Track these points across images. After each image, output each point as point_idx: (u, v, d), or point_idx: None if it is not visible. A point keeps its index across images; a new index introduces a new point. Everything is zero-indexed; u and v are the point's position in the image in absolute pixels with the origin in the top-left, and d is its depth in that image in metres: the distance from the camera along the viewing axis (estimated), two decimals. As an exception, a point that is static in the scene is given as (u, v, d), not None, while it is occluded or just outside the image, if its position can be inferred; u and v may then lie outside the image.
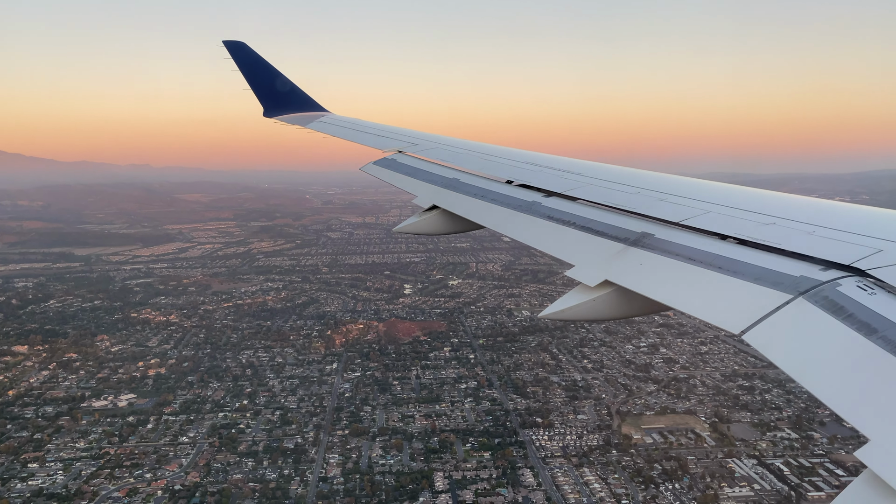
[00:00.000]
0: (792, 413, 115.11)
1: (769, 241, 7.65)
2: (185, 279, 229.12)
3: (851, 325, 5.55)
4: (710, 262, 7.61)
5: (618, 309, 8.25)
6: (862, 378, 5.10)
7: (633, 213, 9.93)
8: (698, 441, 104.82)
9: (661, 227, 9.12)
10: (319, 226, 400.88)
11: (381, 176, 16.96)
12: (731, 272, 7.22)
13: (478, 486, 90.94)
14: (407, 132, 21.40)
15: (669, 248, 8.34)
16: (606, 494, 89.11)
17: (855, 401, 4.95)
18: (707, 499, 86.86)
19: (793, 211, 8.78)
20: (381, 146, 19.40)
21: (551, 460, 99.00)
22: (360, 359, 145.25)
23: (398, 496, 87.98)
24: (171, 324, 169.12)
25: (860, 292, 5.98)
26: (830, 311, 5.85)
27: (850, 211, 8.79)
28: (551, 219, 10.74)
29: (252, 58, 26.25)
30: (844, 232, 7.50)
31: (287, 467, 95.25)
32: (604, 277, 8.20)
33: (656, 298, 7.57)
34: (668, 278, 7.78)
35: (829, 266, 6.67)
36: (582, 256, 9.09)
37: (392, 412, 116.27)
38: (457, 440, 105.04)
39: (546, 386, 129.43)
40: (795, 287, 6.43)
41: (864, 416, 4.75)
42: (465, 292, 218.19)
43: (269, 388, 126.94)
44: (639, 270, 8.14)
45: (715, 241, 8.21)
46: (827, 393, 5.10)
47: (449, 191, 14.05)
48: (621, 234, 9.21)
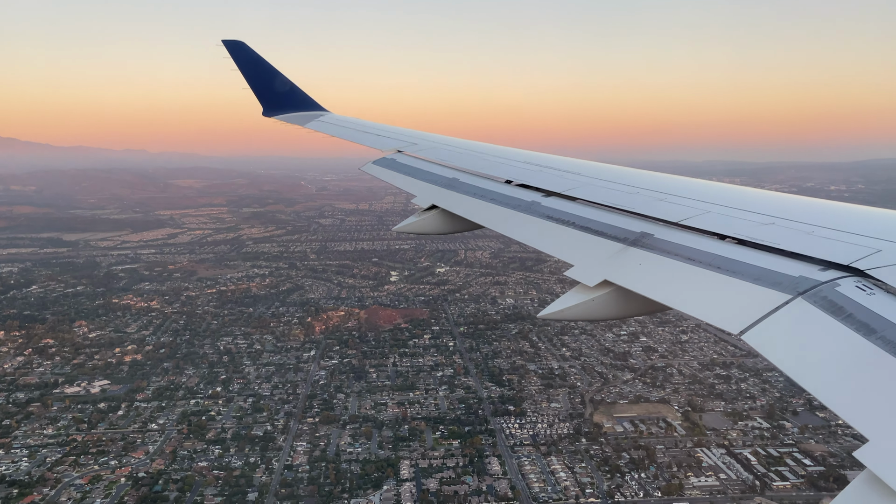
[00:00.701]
0: (766, 402, 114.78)
1: (768, 241, 7.69)
2: (170, 265, 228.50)
3: (850, 326, 5.56)
4: (710, 262, 7.66)
5: (617, 309, 8.31)
6: (861, 378, 5.13)
7: (633, 212, 9.98)
8: (668, 430, 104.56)
9: (660, 226, 9.17)
10: (312, 212, 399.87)
11: (381, 176, 17.10)
12: (731, 272, 7.27)
13: (443, 474, 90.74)
14: (406, 132, 21.61)
15: (669, 248, 8.38)
16: (571, 483, 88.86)
17: (854, 401, 4.99)
18: (671, 488, 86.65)
19: (792, 211, 8.83)
20: (381, 146, 19.61)
21: (520, 449, 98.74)
22: (339, 346, 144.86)
23: (362, 484, 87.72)
24: (152, 310, 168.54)
25: (859, 292, 6.02)
26: (829, 311, 5.87)
27: (848, 211, 8.78)
28: (550, 218, 10.80)
29: (251, 57, 26.32)
30: (843, 232, 7.54)
31: (254, 455, 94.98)
32: (603, 277, 8.24)
33: (655, 298, 7.61)
34: (667, 278, 7.83)
35: (828, 266, 6.70)
36: (581, 256, 9.13)
37: (365, 400, 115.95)
38: (427, 428, 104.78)
39: (522, 374, 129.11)
40: (794, 287, 6.47)
41: (863, 417, 4.74)
42: (451, 280, 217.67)
43: (245, 375, 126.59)
44: (638, 270, 8.16)
45: (714, 241, 8.26)
46: (826, 393, 5.14)
47: (448, 190, 14.16)
48: (620, 233, 9.26)
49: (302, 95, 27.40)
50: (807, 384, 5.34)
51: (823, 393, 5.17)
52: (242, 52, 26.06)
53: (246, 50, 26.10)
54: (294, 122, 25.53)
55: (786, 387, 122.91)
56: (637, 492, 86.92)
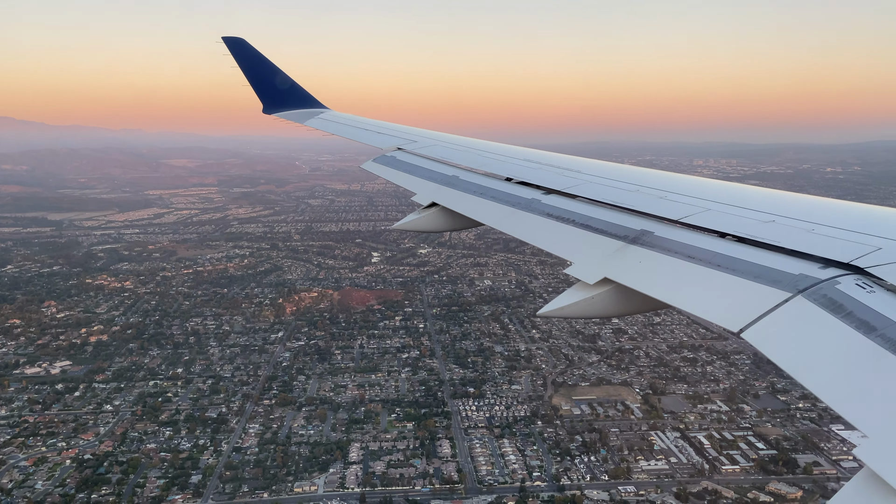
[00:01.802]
0: (729, 386, 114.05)
1: (768, 238, 7.67)
2: (150, 245, 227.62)
3: (850, 324, 5.54)
4: (710, 259, 7.64)
5: (617, 306, 8.28)
6: (861, 376, 5.09)
7: (633, 210, 9.94)
8: (626, 413, 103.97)
9: (660, 224, 9.14)
10: (302, 193, 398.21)
11: (381, 173, 17.15)
12: (731, 270, 7.26)
13: (392, 457, 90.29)
14: (406, 129, 21.68)
15: (669, 246, 8.34)
16: (520, 466, 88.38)
17: (854, 399, 4.95)
18: (618, 472, 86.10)
19: (792, 209, 8.81)
20: (380, 143, 19.74)
21: (473, 431, 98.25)
22: (308, 328, 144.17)
23: (309, 467, 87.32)
24: (125, 290, 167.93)
25: (859, 290, 6.00)
26: (829, 309, 5.86)
27: (849, 209, 8.83)
28: (550, 216, 10.78)
29: (251, 54, 26.36)
30: (843, 230, 7.55)
31: (204, 437, 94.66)
32: (603, 275, 8.20)
33: (655, 296, 7.60)
34: (667, 276, 7.83)
35: (829, 264, 6.70)
36: (581, 254, 9.13)
37: (326, 382, 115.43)
38: (383, 410, 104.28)
39: (488, 356, 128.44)
40: (794, 285, 6.46)
41: (862, 414, 4.70)
42: (431, 261, 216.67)
43: (209, 356, 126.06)
44: (638, 268, 8.16)
45: (714, 239, 8.23)
46: (826, 391, 5.10)
47: (448, 188, 14.14)
48: (621, 231, 9.24)
49: (302, 93, 27.50)
50: (807, 382, 5.31)
51: (823, 391, 5.12)
52: (242, 49, 26.10)
53: (246, 47, 26.13)
54: (294, 120, 25.85)
55: (751, 370, 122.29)
56: (584, 475, 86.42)
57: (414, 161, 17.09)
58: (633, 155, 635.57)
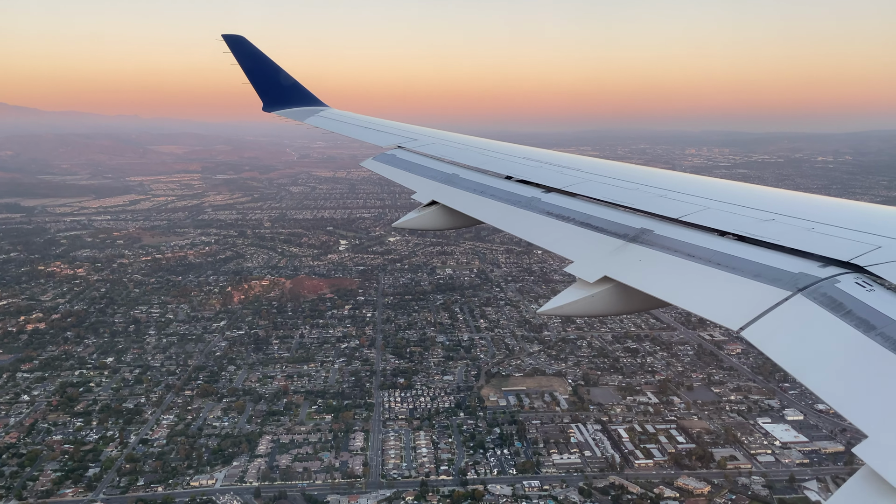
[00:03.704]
0: (665, 377, 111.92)
1: (768, 237, 7.70)
2: (116, 232, 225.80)
3: (850, 322, 5.54)
4: (710, 258, 7.66)
5: (616, 305, 8.26)
6: (860, 375, 5.09)
7: (633, 209, 9.97)
8: (551, 405, 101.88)
9: (660, 223, 9.15)
10: (285, 180, 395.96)
11: (381, 171, 17.19)
12: (730, 269, 7.27)
13: (301, 449, 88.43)
14: (406, 127, 21.79)
15: (668, 245, 8.36)
16: (429, 460, 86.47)
17: (853, 397, 4.95)
18: (527, 465, 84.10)
19: (792, 207, 8.78)
20: (381, 141, 19.91)
21: (392, 423, 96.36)
22: (252, 317, 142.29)
23: (212, 460, 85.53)
24: (76, 278, 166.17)
25: (859, 289, 5.98)
26: (829, 307, 5.85)
27: (848, 207, 8.77)
28: (550, 215, 10.80)
29: (251, 52, 26.39)
30: (843, 228, 7.56)
31: (114, 429, 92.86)
32: (603, 273, 8.22)
33: (655, 294, 7.59)
34: (666, 274, 7.84)
35: (828, 263, 6.71)
36: (581, 252, 9.14)
37: (256, 372, 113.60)
38: (305, 402, 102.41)
39: (428, 346, 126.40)
40: (794, 284, 6.46)
41: (862, 413, 4.71)
42: (398, 249, 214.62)
43: (144, 345, 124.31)
44: (638, 267, 8.17)
45: (714, 238, 8.23)
46: (825, 389, 5.11)
47: (448, 186, 14.18)
48: (620, 230, 9.26)
49: (302, 91, 27.69)
50: (806, 380, 5.28)
51: (823, 389, 5.12)
52: (243, 47, 26.05)
53: (246, 45, 26.10)
54: (293, 118, 26.09)
55: (692, 361, 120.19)
56: (493, 469, 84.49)
57: (414, 159, 17.15)
58: (627, 144, 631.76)
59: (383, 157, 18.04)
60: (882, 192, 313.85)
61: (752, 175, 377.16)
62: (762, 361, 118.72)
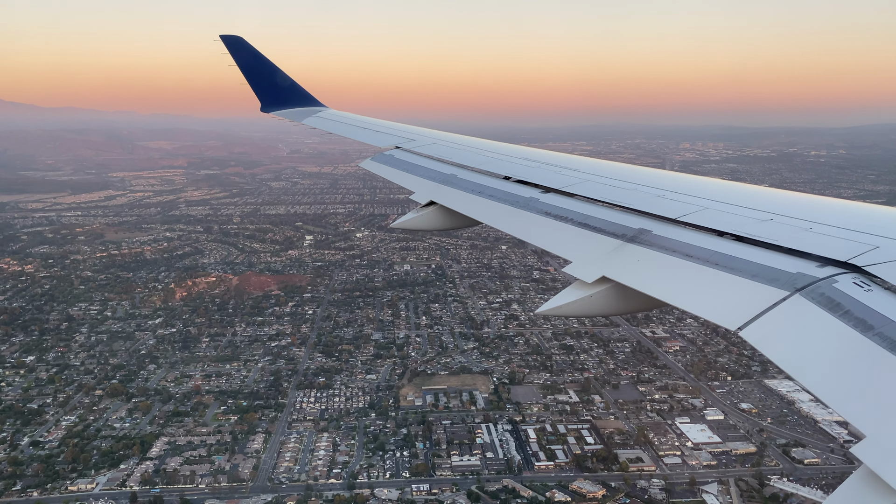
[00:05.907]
0: (593, 375, 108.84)
1: (766, 237, 7.70)
2: (79, 228, 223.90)
3: (848, 322, 5.50)
4: (708, 258, 7.65)
5: (615, 305, 8.20)
6: (858, 375, 5.06)
7: (631, 209, 9.96)
8: (467, 404, 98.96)
9: (658, 223, 9.13)
10: (268, 175, 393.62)
11: (379, 172, 17.09)
12: (729, 269, 7.25)
13: (195, 452, 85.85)
14: (404, 128, 21.71)
15: (667, 245, 8.36)
16: (324, 462, 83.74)
17: (851, 397, 4.92)
18: (420, 468, 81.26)
19: (790, 207, 8.76)
20: (379, 142, 19.85)
21: (297, 424, 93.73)
22: (189, 314, 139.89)
23: (100, 463, 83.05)
24: (24, 274, 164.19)
25: (857, 289, 5.96)
26: (827, 307, 5.81)
27: (846, 207, 8.76)
28: (549, 215, 10.76)
29: (250, 53, 26.17)
30: (841, 228, 7.57)
31: (11, 429, 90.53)
32: (601, 274, 8.19)
33: (653, 295, 7.60)
34: (665, 275, 7.86)
35: (826, 263, 6.66)
36: (579, 253, 9.15)
37: (175, 371, 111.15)
38: (215, 402, 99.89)
39: (360, 344, 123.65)
40: (792, 284, 6.40)
41: (860, 413, 4.70)
42: (361, 245, 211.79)
43: (71, 343, 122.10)
44: (636, 267, 8.16)
45: (712, 238, 8.23)
46: (823, 389, 5.07)
47: (446, 187, 14.10)
48: (619, 230, 9.26)
49: (300, 91, 27.65)
50: (804, 380, 5.23)
51: (820, 389, 5.08)
52: (240, 47, 25.83)
53: (244, 45, 25.89)
54: (291, 118, 26.02)
55: (627, 358, 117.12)
56: (386, 472, 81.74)
57: (412, 159, 17.08)
58: (623, 139, 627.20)
59: (381, 158, 17.98)
60: (867, 185, 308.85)
61: (741, 170, 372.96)
62: (697, 359, 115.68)
